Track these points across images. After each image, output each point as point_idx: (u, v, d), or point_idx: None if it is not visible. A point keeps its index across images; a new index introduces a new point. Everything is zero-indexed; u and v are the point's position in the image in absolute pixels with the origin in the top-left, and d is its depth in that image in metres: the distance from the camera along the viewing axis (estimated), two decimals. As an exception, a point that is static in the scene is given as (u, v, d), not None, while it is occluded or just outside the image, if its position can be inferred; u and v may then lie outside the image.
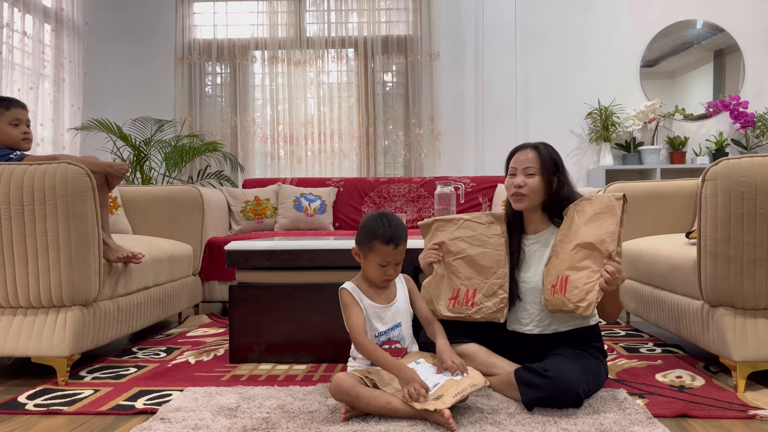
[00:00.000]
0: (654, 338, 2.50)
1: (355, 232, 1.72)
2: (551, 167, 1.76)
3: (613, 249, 1.57)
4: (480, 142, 4.71)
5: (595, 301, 1.56)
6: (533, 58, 4.71)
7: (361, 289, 1.70)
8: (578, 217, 1.68)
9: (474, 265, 1.81)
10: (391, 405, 1.46)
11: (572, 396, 1.51)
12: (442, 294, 1.81)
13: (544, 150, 1.78)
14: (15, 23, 3.68)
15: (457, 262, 1.82)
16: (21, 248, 1.86)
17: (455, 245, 1.83)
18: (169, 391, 1.79)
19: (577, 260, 1.62)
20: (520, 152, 1.80)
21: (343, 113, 4.73)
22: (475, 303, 1.77)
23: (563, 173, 1.78)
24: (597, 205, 1.65)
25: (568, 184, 1.78)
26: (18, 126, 2.15)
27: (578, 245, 1.63)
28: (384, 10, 4.74)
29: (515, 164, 1.80)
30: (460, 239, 1.83)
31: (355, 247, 1.69)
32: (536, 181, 1.75)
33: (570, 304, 1.59)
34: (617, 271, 1.54)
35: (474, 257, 1.80)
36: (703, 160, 4.42)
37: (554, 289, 1.65)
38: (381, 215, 1.67)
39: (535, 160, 1.76)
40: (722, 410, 1.56)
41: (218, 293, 3.30)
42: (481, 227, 1.84)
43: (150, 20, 4.86)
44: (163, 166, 4.38)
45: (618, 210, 1.61)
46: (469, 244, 1.82)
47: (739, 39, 4.54)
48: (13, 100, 2.17)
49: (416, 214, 3.98)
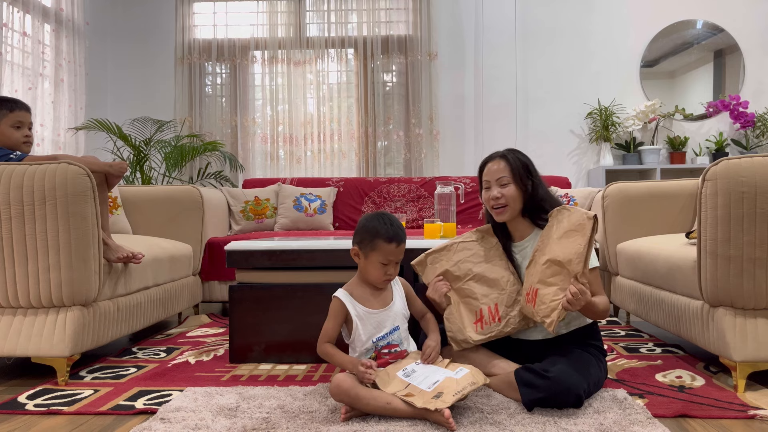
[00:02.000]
0: (654, 338, 2.50)
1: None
2: (523, 172, 1.77)
3: (578, 270, 1.57)
4: (480, 142, 4.71)
5: (557, 319, 1.57)
6: (533, 58, 4.71)
7: (355, 295, 1.70)
8: (556, 228, 1.69)
9: (485, 281, 1.81)
10: (391, 405, 1.46)
11: (572, 396, 1.52)
12: (466, 320, 1.79)
13: (513, 157, 1.79)
14: (14, 23, 3.68)
15: (468, 284, 1.81)
16: (21, 248, 1.86)
17: (460, 269, 1.82)
18: (169, 391, 1.79)
19: (547, 275, 1.64)
20: (489, 164, 1.81)
21: (343, 113, 4.73)
22: (501, 317, 1.77)
23: (535, 175, 1.79)
24: (573, 220, 1.65)
25: (542, 184, 1.80)
26: (20, 129, 2.14)
27: (549, 260, 1.65)
28: (384, 10, 4.74)
29: (487, 176, 1.81)
30: (461, 261, 1.83)
31: (355, 248, 1.69)
32: (512, 189, 1.76)
33: (537, 317, 1.64)
34: (580, 293, 1.54)
35: (483, 273, 1.81)
36: (703, 160, 4.42)
37: (528, 297, 1.69)
38: (380, 215, 1.68)
39: (506, 169, 1.77)
40: (722, 410, 1.56)
41: (218, 293, 3.31)
42: (475, 245, 1.86)
43: (150, 20, 4.86)
44: (163, 166, 4.38)
45: (588, 230, 1.60)
46: (473, 262, 1.82)
47: (739, 39, 4.54)
48: (18, 102, 2.16)
49: (416, 214, 3.98)
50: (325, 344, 1.66)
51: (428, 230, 2.38)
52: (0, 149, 2.08)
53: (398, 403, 1.46)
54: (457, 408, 1.53)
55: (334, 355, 1.63)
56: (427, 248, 2.14)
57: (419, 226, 3.92)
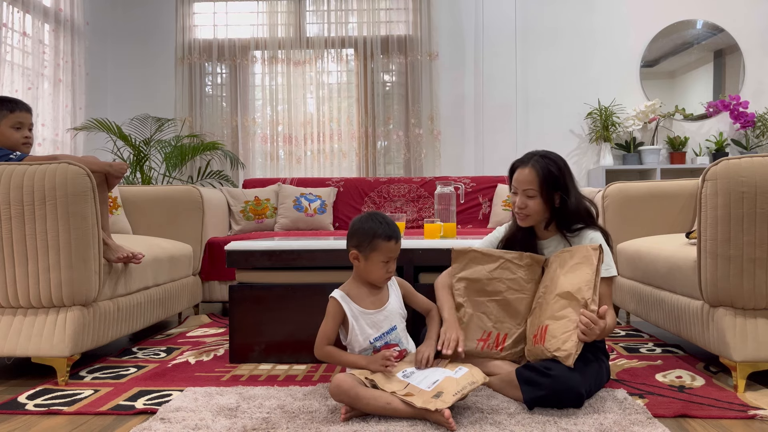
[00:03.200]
0: (654, 338, 2.50)
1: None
2: (551, 185, 1.72)
3: (588, 296, 1.57)
4: (480, 142, 4.71)
5: (575, 351, 1.53)
6: (533, 58, 4.71)
7: (351, 295, 1.70)
8: (559, 269, 1.69)
9: (508, 309, 1.78)
10: (391, 405, 1.46)
11: (574, 395, 1.51)
12: (470, 334, 1.77)
13: (543, 167, 1.72)
14: (14, 23, 3.68)
15: (491, 303, 1.79)
16: (21, 248, 1.86)
17: (492, 285, 1.79)
18: (169, 391, 1.79)
19: (557, 309, 1.63)
20: (519, 170, 1.77)
21: (343, 113, 4.73)
22: (504, 348, 1.77)
23: (566, 187, 1.72)
24: (577, 256, 1.66)
25: (575, 195, 1.74)
26: (20, 130, 2.13)
27: (557, 295, 1.64)
28: (384, 10, 4.74)
29: (515, 183, 1.78)
30: (498, 280, 1.78)
31: (354, 251, 1.69)
32: (536, 202, 1.73)
33: (548, 353, 1.59)
34: (592, 322, 1.51)
35: (511, 302, 1.78)
36: (703, 160, 4.42)
37: (535, 339, 1.66)
38: (371, 215, 1.69)
39: (533, 181, 1.72)
40: (722, 410, 1.56)
41: (218, 293, 3.30)
42: (520, 270, 1.79)
43: (150, 20, 4.86)
44: (163, 166, 4.37)
45: (594, 259, 1.61)
46: (508, 287, 1.78)
47: (739, 39, 4.54)
48: (19, 103, 2.15)
49: (416, 214, 3.98)
50: (325, 347, 1.66)
51: (428, 230, 2.38)
52: (0, 149, 2.07)
53: (398, 403, 1.46)
54: (457, 408, 1.53)
55: (341, 356, 1.63)
56: (427, 248, 2.14)
57: (419, 226, 3.92)
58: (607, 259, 1.69)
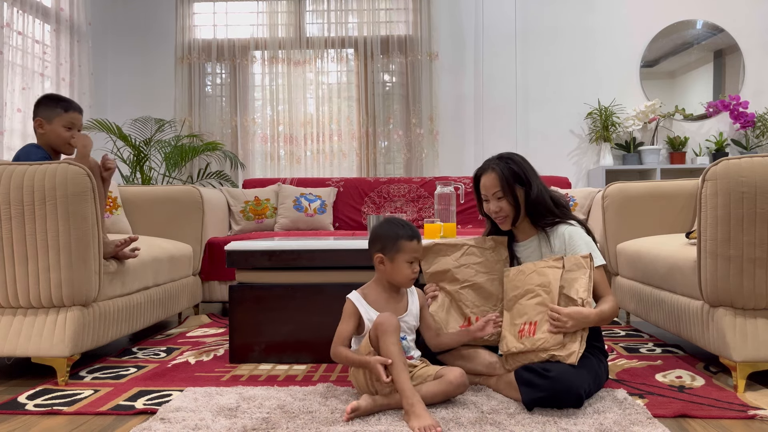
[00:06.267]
0: (654, 338, 2.50)
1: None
2: (513, 182, 1.78)
3: (584, 297, 1.61)
4: (480, 142, 4.71)
5: (578, 351, 1.56)
6: (533, 58, 4.71)
7: (369, 299, 1.70)
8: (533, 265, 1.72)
9: (482, 292, 1.82)
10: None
11: (573, 396, 1.51)
12: (452, 320, 1.81)
13: (503, 167, 1.78)
14: (15, 24, 3.68)
15: (465, 290, 1.82)
16: (21, 248, 1.86)
17: (462, 273, 1.83)
18: (169, 391, 1.79)
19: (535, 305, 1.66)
20: (483, 177, 1.83)
21: (343, 113, 4.73)
22: None
23: (527, 180, 1.78)
24: (570, 262, 1.69)
25: (537, 186, 1.79)
26: (70, 130, 2.16)
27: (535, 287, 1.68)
28: (384, 10, 4.74)
29: (483, 190, 1.84)
30: (466, 266, 1.83)
31: (380, 255, 1.69)
32: (506, 202, 1.78)
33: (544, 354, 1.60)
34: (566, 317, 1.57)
35: (482, 285, 1.82)
36: (703, 160, 4.42)
37: (521, 333, 1.66)
38: (390, 220, 1.73)
39: (497, 184, 1.78)
40: (722, 410, 1.56)
41: (218, 293, 3.31)
42: (486, 252, 1.85)
43: (150, 20, 4.86)
44: (163, 166, 4.37)
45: (586, 264, 1.65)
46: (476, 271, 1.83)
47: (739, 39, 4.54)
48: (72, 104, 2.18)
49: (416, 214, 3.98)
50: (339, 347, 1.66)
51: (428, 230, 2.38)
52: (35, 152, 2.08)
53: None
54: (457, 407, 1.53)
55: (350, 357, 1.63)
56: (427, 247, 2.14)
57: (419, 226, 3.91)
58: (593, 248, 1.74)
